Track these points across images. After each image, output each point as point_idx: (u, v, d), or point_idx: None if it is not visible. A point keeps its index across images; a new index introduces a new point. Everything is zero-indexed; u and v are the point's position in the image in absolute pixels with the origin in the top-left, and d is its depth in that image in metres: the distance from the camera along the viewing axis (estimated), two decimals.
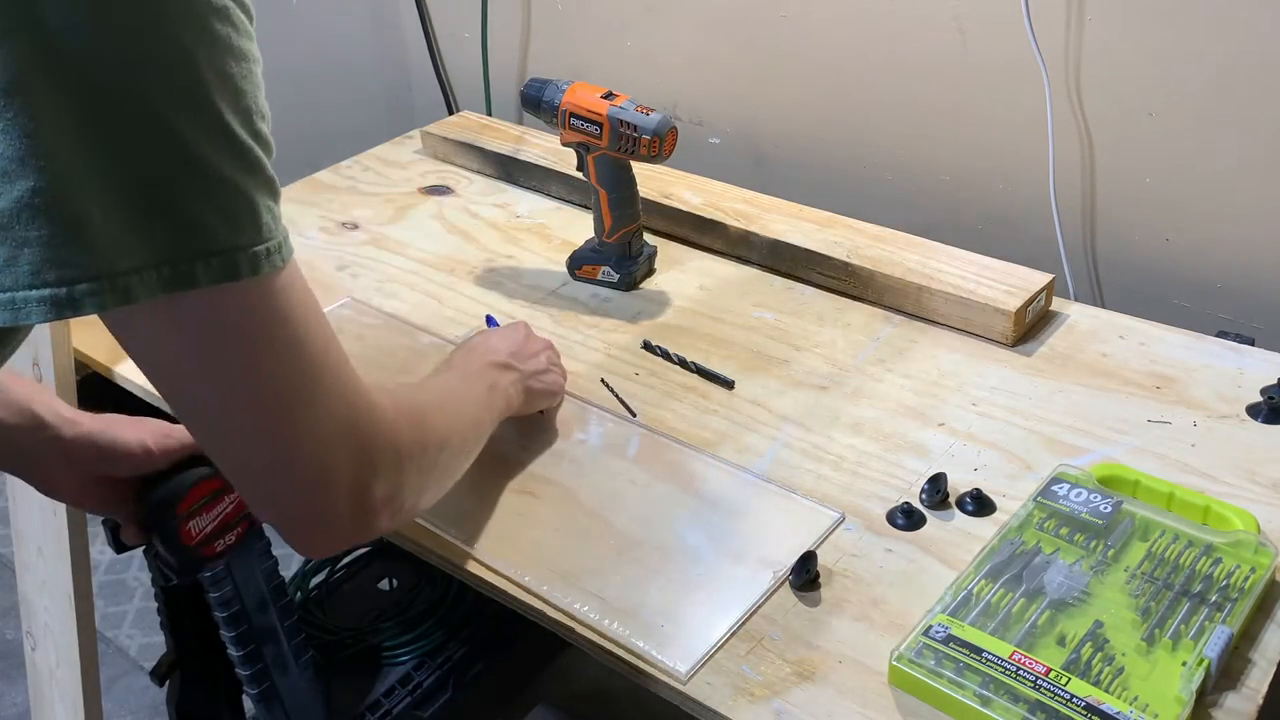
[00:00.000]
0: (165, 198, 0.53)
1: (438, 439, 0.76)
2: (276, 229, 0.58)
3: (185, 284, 0.54)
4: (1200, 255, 1.24)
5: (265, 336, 0.58)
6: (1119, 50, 1.21)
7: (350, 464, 0.64)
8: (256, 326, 0.58)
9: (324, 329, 0.64)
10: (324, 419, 0.62)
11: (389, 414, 0.68)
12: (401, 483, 0.69)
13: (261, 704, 1.17)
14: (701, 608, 0.84)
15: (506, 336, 1.00)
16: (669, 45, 1.56)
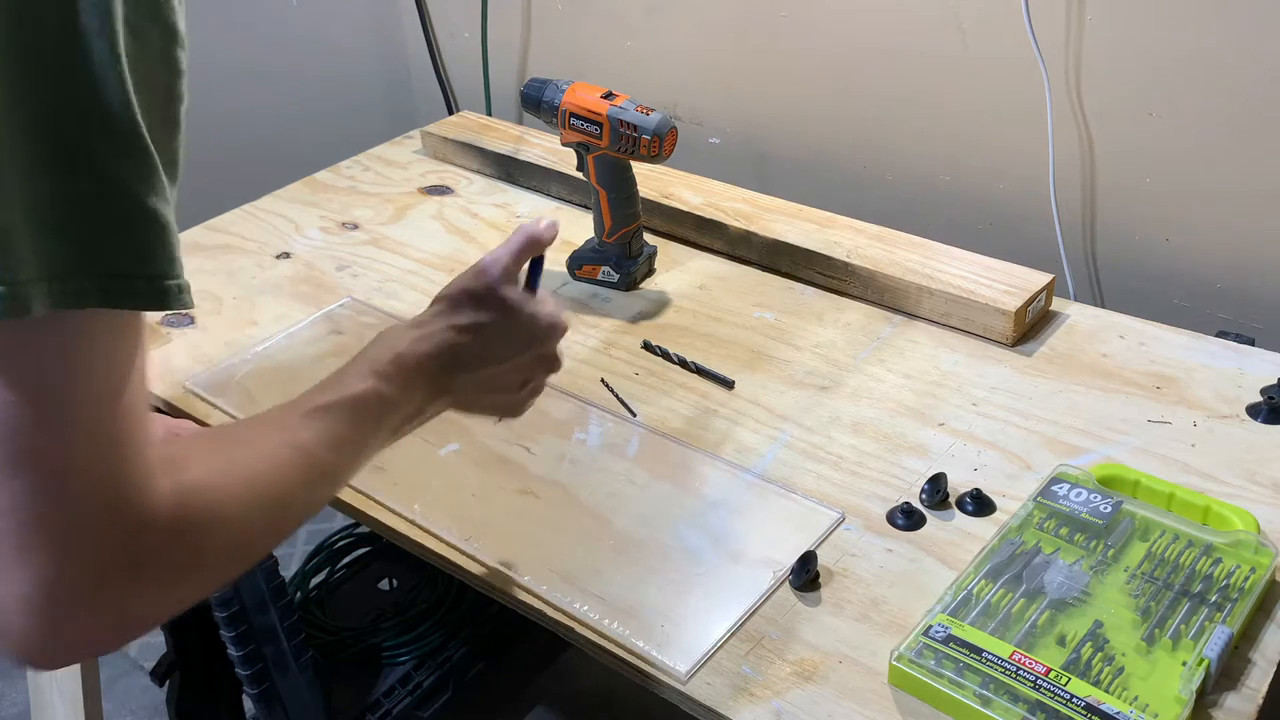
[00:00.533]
0: None
1: (238, 537, 0.61)
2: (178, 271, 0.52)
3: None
4: (1200, 255, 1.24)
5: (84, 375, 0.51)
6: (1119, 50, 1.21)
7: (101, 556, 0.52)
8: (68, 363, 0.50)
9: (141, 390, 0.54)
10: (88, 490, 0.52)
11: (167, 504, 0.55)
12: (179, 579, 0.57)
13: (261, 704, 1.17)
14: (701, 608, 0.84)
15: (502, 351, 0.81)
16: (669, 45, 1.56)
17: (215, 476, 0.61)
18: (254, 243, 1.38)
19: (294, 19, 2.00)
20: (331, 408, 0.71)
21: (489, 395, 0.83)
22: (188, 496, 0.57)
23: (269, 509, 0.64)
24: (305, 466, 0.68)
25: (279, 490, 0.65)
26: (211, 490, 0.59)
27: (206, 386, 1.11)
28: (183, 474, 0.58)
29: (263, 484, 0.64)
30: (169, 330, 1.21)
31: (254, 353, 1.16)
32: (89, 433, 0.52)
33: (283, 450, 0.67)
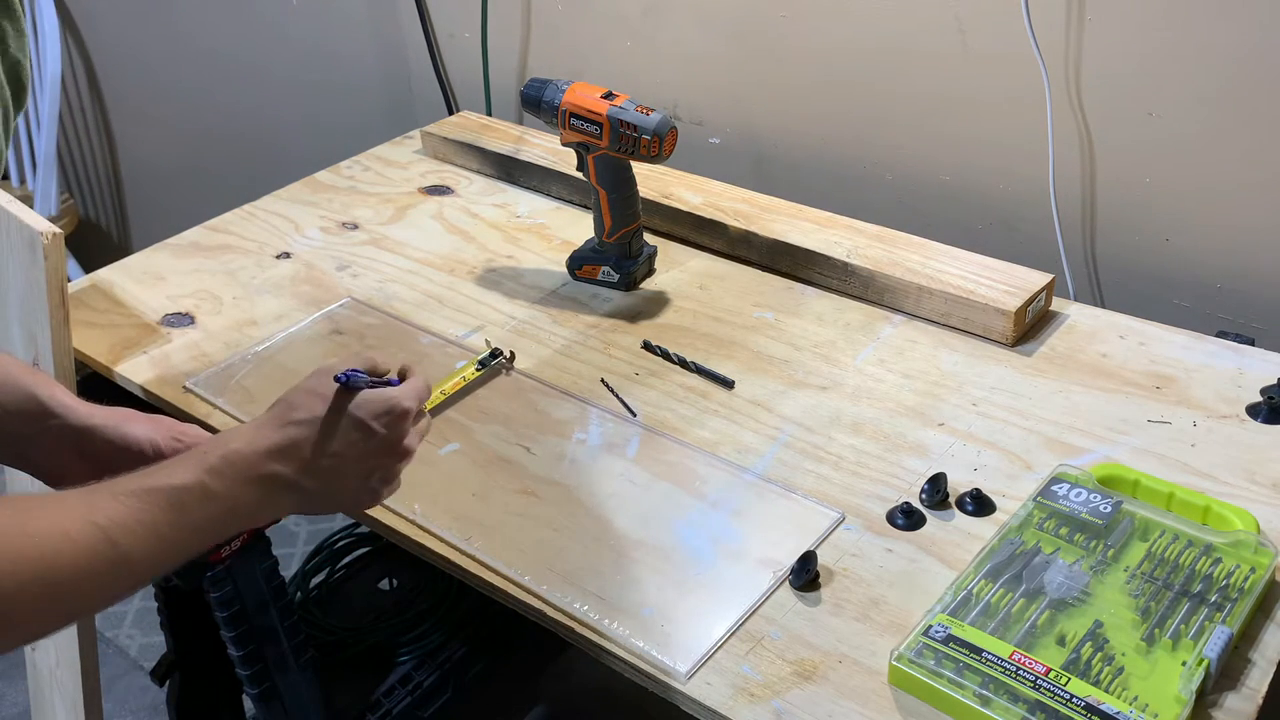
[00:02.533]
0: None
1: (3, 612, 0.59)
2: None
3: None
4: (1200, 255, 1.24)
5: None
6: (1119, 50, 1.21)
7: None
8: None
9: None
10: None
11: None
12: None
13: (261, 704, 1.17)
14: (701, 608, 0.84)
15: (347, 445, 0.77)
16: (669, 45, 1.56)
17: None
18: (254, 243, 1.38)
19: (294, 19, 2.00)
20: (144, 493, 0.68)
21: (337, 487, 0.78)
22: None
23: (45, 584, 0.61)
24: (98, 547, 0.64)
25: (63, 567, 0.62)
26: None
27: (206, 386, 1.11)
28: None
29: (46, 558, 0.61)
30: (169, 330, 1.21)
31: (254, 353, 1.16)
32: None
33: (77, 526, 0.63)
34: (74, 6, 2.31)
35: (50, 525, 0.63)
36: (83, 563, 0.63)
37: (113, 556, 0.65)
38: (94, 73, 2.40)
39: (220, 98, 2.22)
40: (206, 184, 2.33)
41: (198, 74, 2.22)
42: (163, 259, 1.35)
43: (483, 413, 1.07)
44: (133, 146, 2.49)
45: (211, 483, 0.71)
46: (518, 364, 1.13)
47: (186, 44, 2.20)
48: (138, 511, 0.67)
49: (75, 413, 0.85)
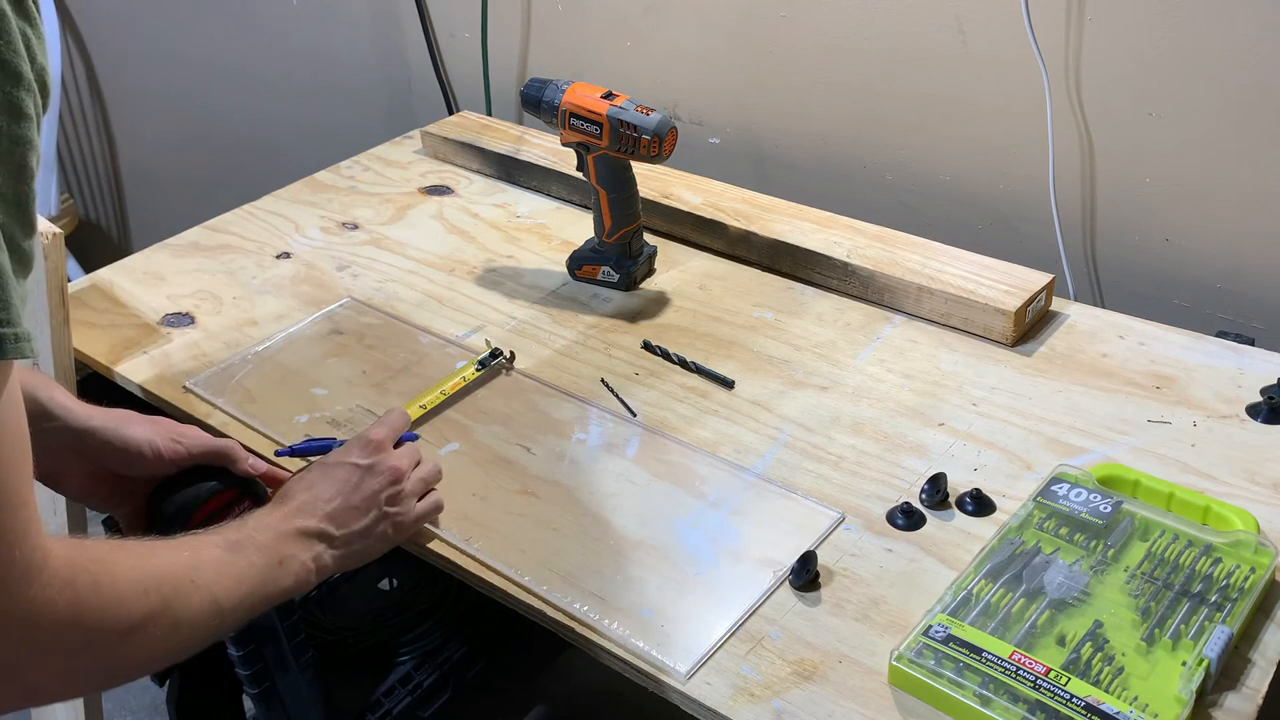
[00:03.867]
0: None
1: (124, 620, 0.63)
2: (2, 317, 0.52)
3: None
4: (1200, 255, 1.24)
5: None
6: (1119, 50, 1.21)
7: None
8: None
9: (8, 455, 0.55)
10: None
11: (50, 575, 0.57)
12: (30, 661, 0.58)
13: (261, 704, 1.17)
14: (701, 608, 0.84)
15: (340, 485, 0.86)
16: (669, 45, 1.56)
17: (113, 549, 0.65)
18: (254, 243, 1.38)
19: (294, 20, 2.00)
20: (209, 543, 0.74)
21: (359, 527, 0.86)
22: (80, 563, 0.60)
23: (158, 594, 0.66)
24: (194, 584, 0.70)
25: (176, 601, 0.67)
26: (106, 561, 0.62)
27: (206, 386, 1.11)
28: (82, 547, 0.61)
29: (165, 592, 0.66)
30: (169, 330, 1.21)
31: (254, 353, 1.16)
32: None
33: (174, 567, 0.69)
34: (74, 6, 2.31)
35: (158, 563, 0.68)
36: (189, 595, 0.69)
37: (204, 594, 0.70)
38: (94, 73, 2.40)
39: (220, 98, 2.22)
40: (206, 184, 2.33)
41: (198, 74, 2.22)
42: (163, 259, 1.35)
43: (483, 413, 1.07)
44: (133, 146, 2.49)
45: (258, 536, 0.78)
46: (518, 364, 1.13)
47: (187, 44, 2.20)
48: (213, 555, 0.73)
49: (74, 414, 0.85)
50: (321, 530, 0.83)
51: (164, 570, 0.68)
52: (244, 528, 0.79)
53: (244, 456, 0.93)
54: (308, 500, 0.84)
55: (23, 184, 0.52)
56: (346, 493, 0.86)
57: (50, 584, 0.57)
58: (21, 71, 0.52)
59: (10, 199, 0.52)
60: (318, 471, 0.87)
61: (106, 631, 0.62)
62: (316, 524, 0.83)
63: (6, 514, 0.54)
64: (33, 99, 0.53)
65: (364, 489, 0.87)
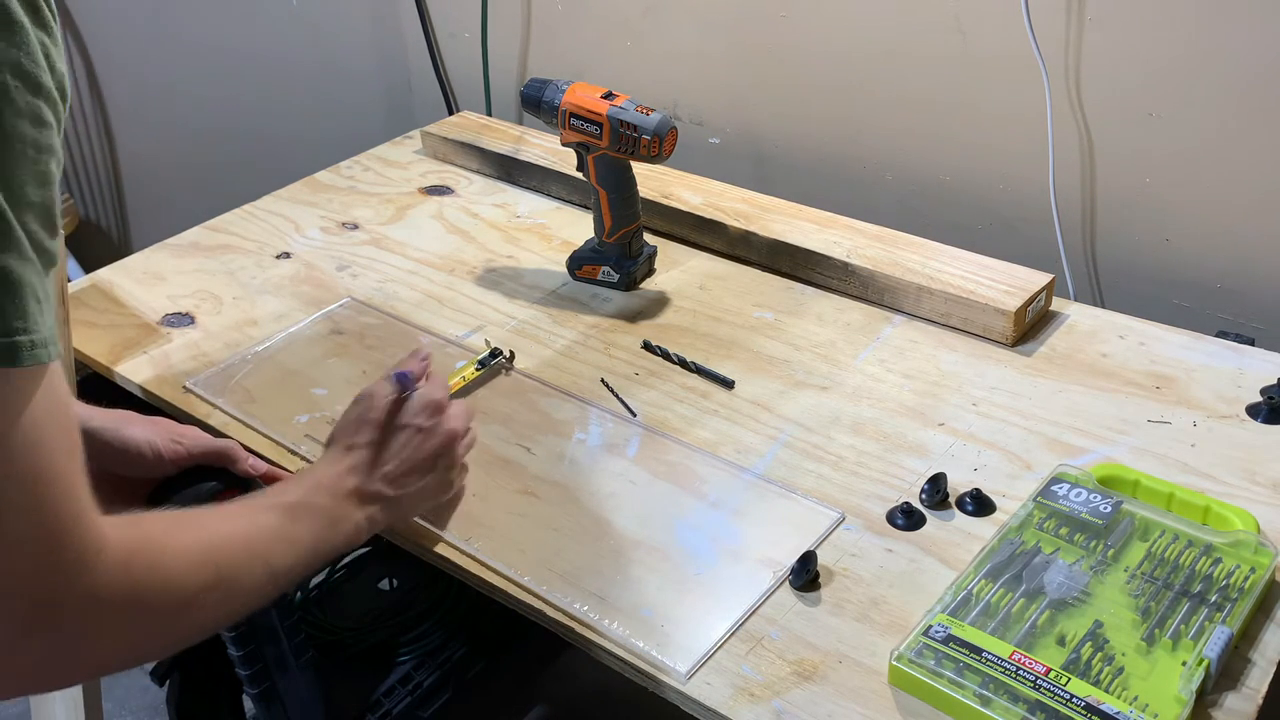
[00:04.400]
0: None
1: (179, 594, 0.65)
2: (25, 329, 0.53)
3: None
4: (1200, 255, 1.24)
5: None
6: (1119, 50, 1.21)
7: (23, 605, 0.56)
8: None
9: (56, 447, 0.57)
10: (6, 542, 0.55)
11: (108, 557, 0.59)
12: (91, 638, 0.60)
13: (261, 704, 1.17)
14: (701, 608, 0.84)
15: (400, 447, 0.87)
16: (669, 45, 1.56)
17: (168, 526, 0.67)
18: (254, 243, 1.38)
19: (294, 20, 2.00)
20: (269, 508, 0.77)
21: (415, 486, 0.88)
22: (135, 543, 0.62)
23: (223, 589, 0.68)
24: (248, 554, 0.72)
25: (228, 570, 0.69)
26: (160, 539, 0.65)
27: (206, 387, 1.11)
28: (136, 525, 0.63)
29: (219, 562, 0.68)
30: (169, 330, 1.21)
31: (254, 353, 1.16)
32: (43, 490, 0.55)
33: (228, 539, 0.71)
34: (74, 6, 2.31)
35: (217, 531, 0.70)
36: (243, 564, 0.71)
37: (260, 562, 0.73)
38: (94, 73, 2.40)
39: (220, 97, 2.22)
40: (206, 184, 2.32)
41: (198, 74, 2.22)
42: (163, 259, 1.35)
43: (483, 413, 1.07)
44: (133, 146, 2.49)
45: (315, 499, 0.80)
46: (518, 364, 1.13)
47: (187, 44, 2.20)
48: (269, 521, 0.75)
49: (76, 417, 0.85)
50: (378, 492, 0.84)
51: (218, 542, 0.70)
52: (300, 487, 0.81)
53: (244, 457, 0.93)
54: (366, 457, 0.85)
55: (47, 189, 0.54)
56: (407, 455, 0.87)
57: (108, 567, 0.59)
58: (42, 81, 0.53)
59: (37, 206, 0.54)
60: (389, 427, 0.87)
61: (164, 606, 0.64)
62: (375, 486, 0.84)
63: (61, 501, 0.57)
64: (52, 107, 0.54)
65: (424, 450, 0.88)
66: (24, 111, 0.53)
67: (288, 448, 1.03)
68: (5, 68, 0.52)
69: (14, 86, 0.52)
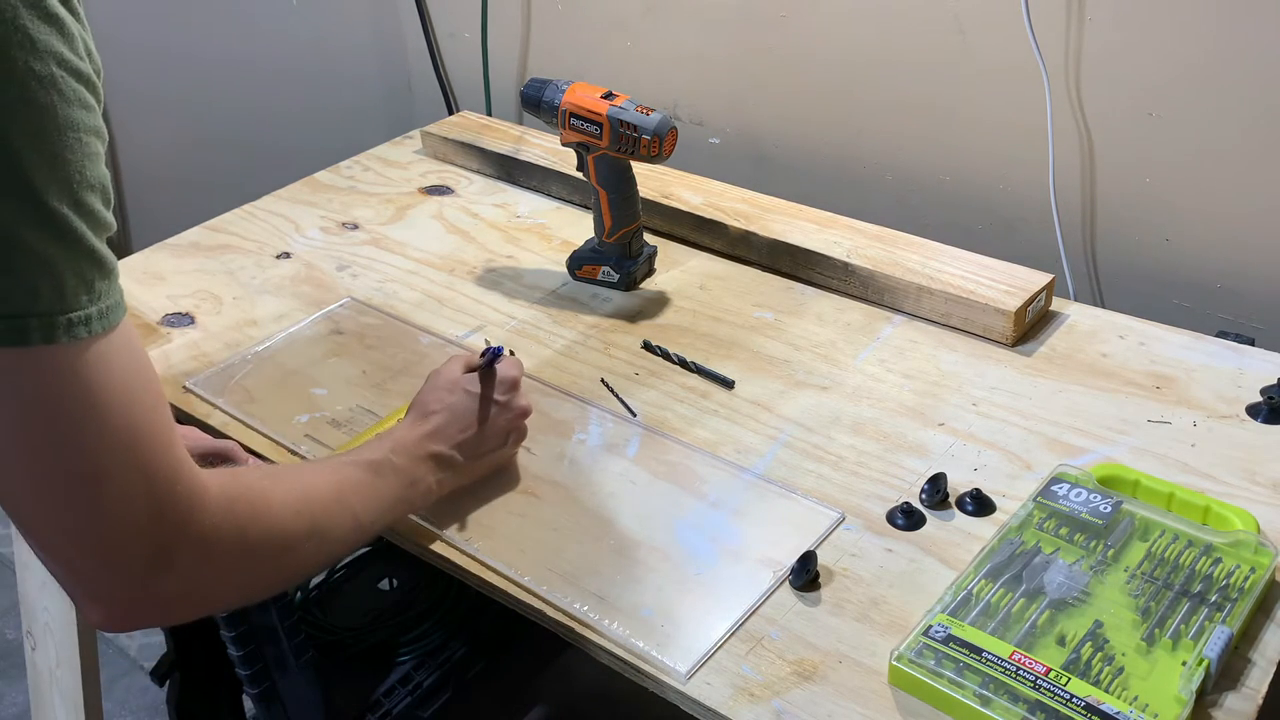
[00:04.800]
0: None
1: (281, 538, 0.71)
2: (91, 300, 0.57)
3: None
4: (1200, 255, 1.24)
5: (56, 406, 0.57)
6: (1119, 50, 1.21)
7: (142, 551, 0.61)
8: (46, 394, 0.57)
9: (143, 404, 0.61)
10: (119, 499, 0.60)
11: (211, 504, 0.64)
12: (207, 577, 0.65)
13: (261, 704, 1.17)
14: (701, 608, 0.84)
15: (478, 418, 0.92)
16: (669, 45, 1.56)
17: (264, 477, 0.73)
18: (254, 243, 1.38)
19: (294, 19, 2.00)
20: (353, 464, 0.82)
21: (485, 453, 0.93)
22: (236, 490, 0.67)
23: (309, 515, 0.73)
24: (339, 504, 0.77)
25: (323, 517, 0.75)
26: (259, 486, 0.70)
27: (206, 387, 1.11)
28: (237, 476, 0.69)
29: (314, 511, 0.74)
30: (169, 330, 1.21)
31: (254, 353, 1.16)
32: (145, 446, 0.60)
33: (324, 488, 0.77)
34: None
35: (308, 484, 0.76)
36: (335, 512, 0.76)
37: (348, 513, 0.78)
38: None
39: (220, 98, 2.22)
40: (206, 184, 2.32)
41: (198, 74, 2.22)
42: (163, 259, 1.35)
43: None
44: (133, 146, 2.49)
45: (396, 459, 0.85)
46: None
47: (186, 44, 2.20)
48: (354, 475, 0.81)
49: None
50: (452, 458, 0.89)
51: (313, 493, 0.75)
52: (382, 447, 0.85)
53: (244, 458, 0.93)
54: (445, 424, 0.90)
55: (98, 166, 0.58)
56: (490, 431, 0.92)
57: (214, 512, 0.64)
58: (81, 69, 0.57)
59: (97, 186, 0.58)
60: (460, 397, 0.92)
61: (268, 550, 0.69)
62: (449, 450, 0.89)
63: (161, 452, 0.61)
64: (94, 92, 0.58)
65: (497, 424, 0.93)
66: (73, 100, 0.56)
67: (288, 448, 1.03)
68: (51, 59, 0.55)
69: (61, 77, 0.55)
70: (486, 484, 0.97)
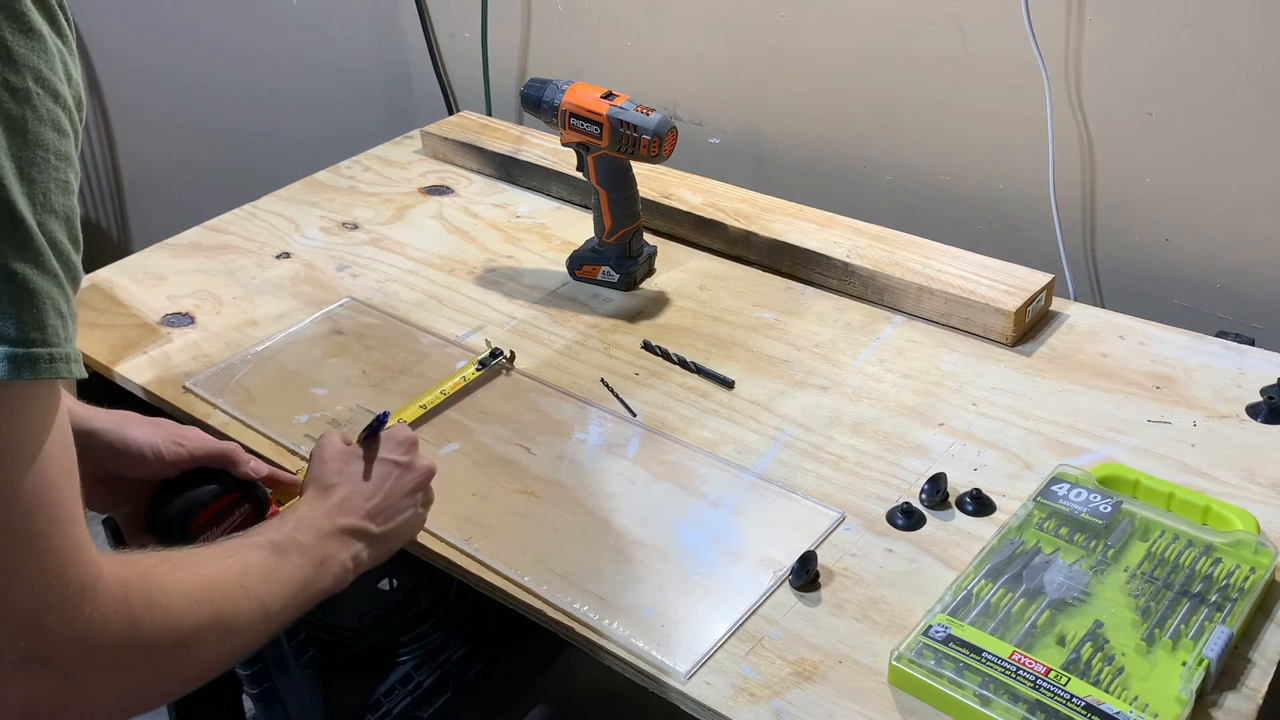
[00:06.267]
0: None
1: (177, 632, 0.62)
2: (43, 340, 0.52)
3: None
4: (1200, 255, 1.24)
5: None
6: (1119, 50, 1.21)
7: (14, 640, 0.53)
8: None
9: (53, 471, 0.54)
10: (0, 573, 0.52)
11: (104, 592, 0.57)
12: (87, 680, 0.57)
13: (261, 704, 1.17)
14: (701, 608, 0.84)
15: (380, 482, 0.86)
16: (669, 45, 1.56)
17: (161, 562, 0.64)
18: (254, 243, 1.38)
19: (294, 19, 2.00)
20: (256, 546, 0.74)
21: (396, 522, 0.86)
22: (131, 578, 0.59)
23: (220, 630, 0.66)
24: (242, 593, 0.69)
25: (226, 611, 0.67)
26: (155, 574, 0.62)
27: (206, 386, 1.11)
28: (130, 561, 0.60)
29: (217, 602, 0.66)
30: (169, 330, 1.21)
31: (254, 353, 1.16)
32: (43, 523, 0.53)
33: (222, 576, 0.69)
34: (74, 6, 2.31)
35: (208, 571, 0.68)
36: (239, 603, 0.68)
37: (253, 601, 0.70)
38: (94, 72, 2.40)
39: (220, 97, 2.22)
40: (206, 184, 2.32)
41: (198, 74, 2.22)
42: (163, 259, 1.35)
43: (483, 413, 1.07)
44: (133, 146, 2.49)
45: (301, 537, 0.78)
46: (518, 364, 1.13)
47: (186, 43, 2.20)
48: (258, 559, 0.73)
49: (75, 416, 0.85)
50: (363, 529, 0.83)
51: (214, 579, 0.68)
52: (285, 527, 0.78)
53: (245, 459, 0.93)
54: (350, 496, 0.83)
55: (69, 198, 0.54)
56: (387, 490, 0.85)
57: (104, 601, 0.57)
58: (59, 90, 0.54)
59: (60, 215, 0.53)
60: (356, 465, 0.86)
61: (162, 645, 0.61)
62: (359, 522, 0.82)
63: (58, 532, 0.54)
64: (69, 116, 0.54)
65: (402, 486, 0.87)
66: (46, 118, 0.53)
67: (288, 448, 1.03)
68: (28, 73, 0.52)
69: (37, 93, 0.52)
70: (487, 484, 0.97)
